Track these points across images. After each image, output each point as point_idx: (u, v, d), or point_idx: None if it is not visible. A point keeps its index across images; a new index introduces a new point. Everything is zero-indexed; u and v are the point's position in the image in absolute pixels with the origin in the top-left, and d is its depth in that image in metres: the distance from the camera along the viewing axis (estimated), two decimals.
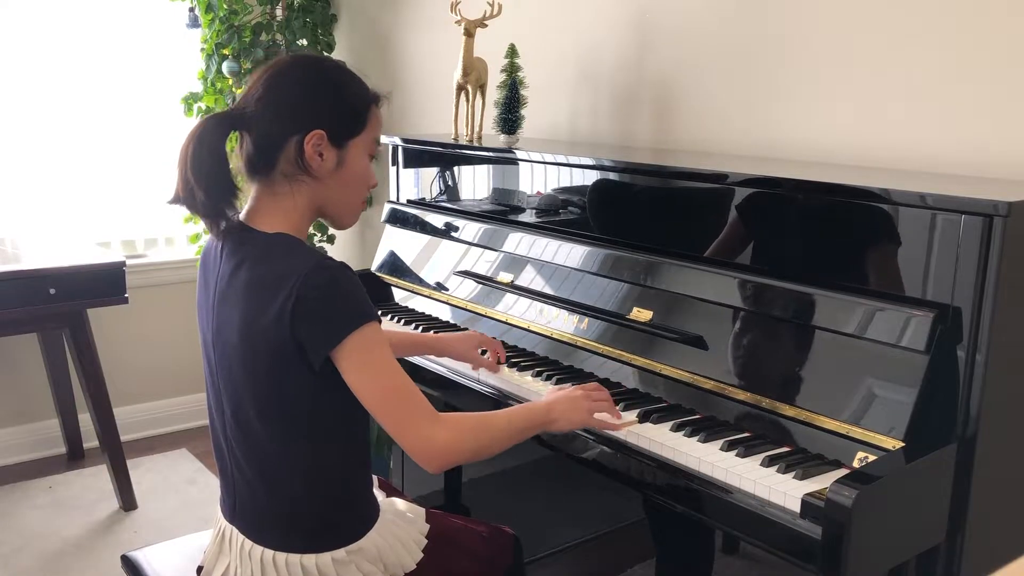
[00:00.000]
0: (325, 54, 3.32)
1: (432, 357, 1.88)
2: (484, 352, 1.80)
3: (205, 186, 1.32)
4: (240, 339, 1.32)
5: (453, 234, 2.21)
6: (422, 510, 1.56)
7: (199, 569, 1.51)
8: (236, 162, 1.38)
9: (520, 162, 2.11)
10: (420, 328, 2.05)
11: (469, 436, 1.35)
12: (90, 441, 3.21)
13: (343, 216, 1.45)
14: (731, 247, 1.64)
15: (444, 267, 2.20)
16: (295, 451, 1.36)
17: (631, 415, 1.53)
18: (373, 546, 1.41)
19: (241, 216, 1.39)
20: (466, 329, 2.01)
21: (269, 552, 1.38)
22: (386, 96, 1.46)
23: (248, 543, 1.40)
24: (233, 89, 3.27)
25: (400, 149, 2.50)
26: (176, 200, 1.36)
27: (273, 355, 1.30)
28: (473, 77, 2.36)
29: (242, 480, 1.41)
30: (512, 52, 2.21)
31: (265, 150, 1.35)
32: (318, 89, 1.38)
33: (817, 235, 1.52)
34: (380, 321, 1.32)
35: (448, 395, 1.86)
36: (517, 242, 2.01)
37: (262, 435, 1.35)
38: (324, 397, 1.34)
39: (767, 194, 1.59)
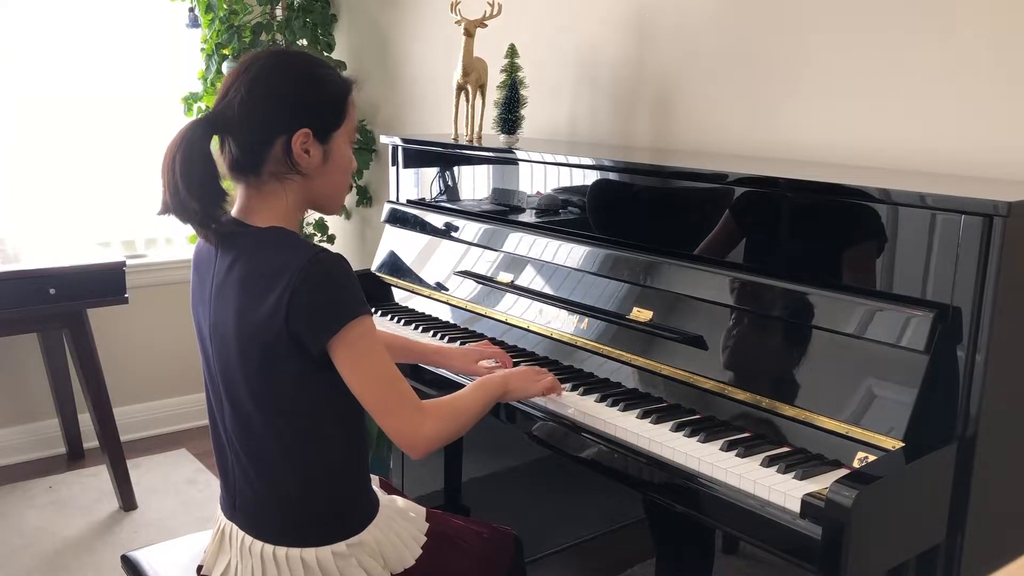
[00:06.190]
0: (297, 46, 3.29)
1: None
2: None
3: (199, 195, 1.32)
4: (236, 333, 1.33)
5: (453, 234, 2.20)
6: (422, 509, 1.57)
7: (199, 568, 1.51)
8: (220, 164, 1.38)
9: (520, 162, 2.11)
10: (420, 328, 2.05)
11: (450, 422, 1.41)
12: (90, 441, 3.21)
13: (332, 204, 1.48)
14: (731, 247, 1.64)
15: (444, 267, 2.20)
16: (293, 445, 1.37)
17: (631, 415, 1.53)
18: (373, 540, 1.42)
19: (233, 213, 1.39)
20: (466, 329, 2.02)
21: (269, 547, 1.39)
22: (357, 81, 1.46)
23: (248, 539, 1.41)
24: None
25: (400, 149, 2.50)
26: (166, 210, 1.35)
27: (268, 348, 1.31)
28: (473, 77, 2.36)
29: (241, 476, 1.41)
30: (512, 52, 2.21)
31: (252, 152, 1.35)
32: (299, 87, 1.38)
33: (817, 235, 1.52)
34: (371, 313, 1.35)
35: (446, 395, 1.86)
36: (517, 242, 2.01)
37: (260, 430, 1.37)
38: (319, 391, 1.36)
39: (767, 194, 1.59)
